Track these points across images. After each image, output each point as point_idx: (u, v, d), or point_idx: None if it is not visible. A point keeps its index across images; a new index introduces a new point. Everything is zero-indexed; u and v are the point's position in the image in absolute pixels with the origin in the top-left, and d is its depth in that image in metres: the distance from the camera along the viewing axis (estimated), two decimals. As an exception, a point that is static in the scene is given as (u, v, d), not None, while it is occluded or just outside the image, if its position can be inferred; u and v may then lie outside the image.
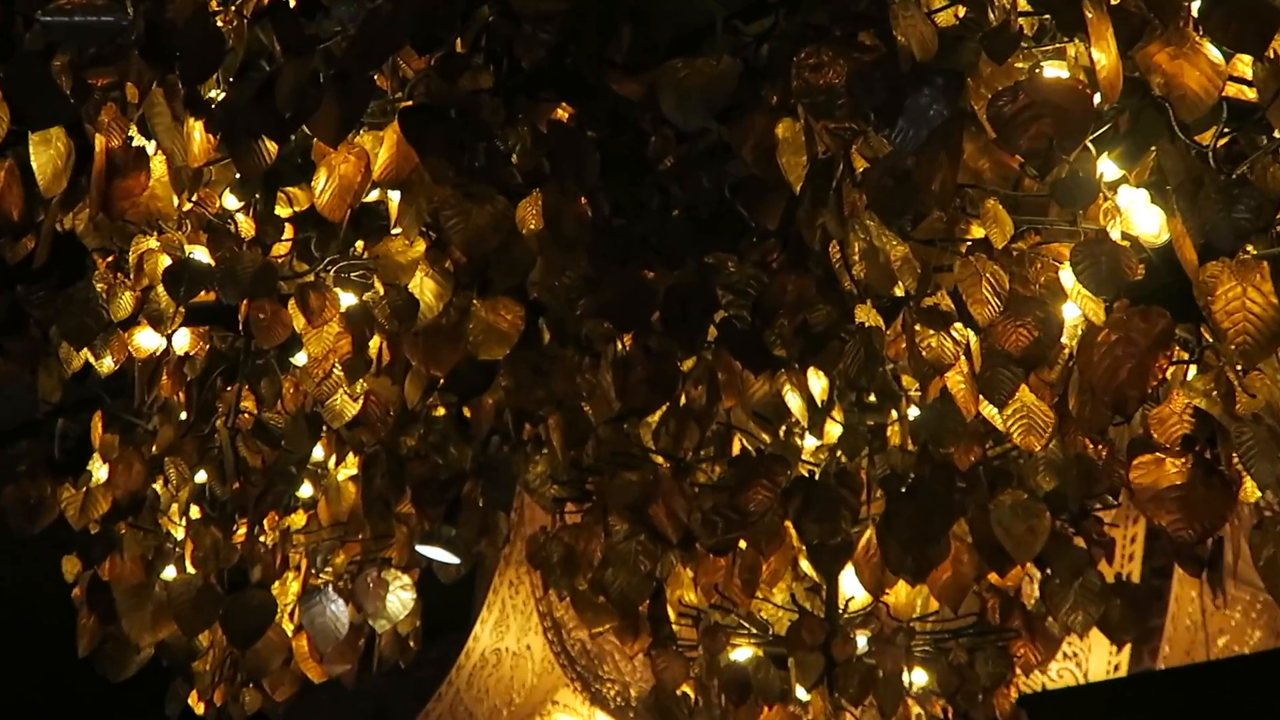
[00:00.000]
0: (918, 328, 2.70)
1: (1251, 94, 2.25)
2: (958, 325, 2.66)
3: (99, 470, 3.68)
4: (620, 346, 3.03)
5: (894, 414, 3.13)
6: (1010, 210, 2.46)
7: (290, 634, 3.83)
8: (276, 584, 3.78)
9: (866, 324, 2.84)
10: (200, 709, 3.90)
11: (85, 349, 3.36)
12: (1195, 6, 2.18)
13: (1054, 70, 2.32)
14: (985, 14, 2.33)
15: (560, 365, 3.17)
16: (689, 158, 2.67)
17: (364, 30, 2.56)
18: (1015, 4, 2.32)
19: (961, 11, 2.37)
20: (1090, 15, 2.15)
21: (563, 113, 2.70)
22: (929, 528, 3.11)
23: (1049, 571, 3.38)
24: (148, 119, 2.77)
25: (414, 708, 8.79)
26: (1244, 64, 2.24)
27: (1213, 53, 2.15)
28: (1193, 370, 2.48)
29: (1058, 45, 2.32)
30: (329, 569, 3.87)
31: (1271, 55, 2.21)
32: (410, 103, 2.75)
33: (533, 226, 2.81)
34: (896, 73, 2.27)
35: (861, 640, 3.80)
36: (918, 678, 3.89)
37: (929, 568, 3.18)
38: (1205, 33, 2.16)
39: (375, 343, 3.21)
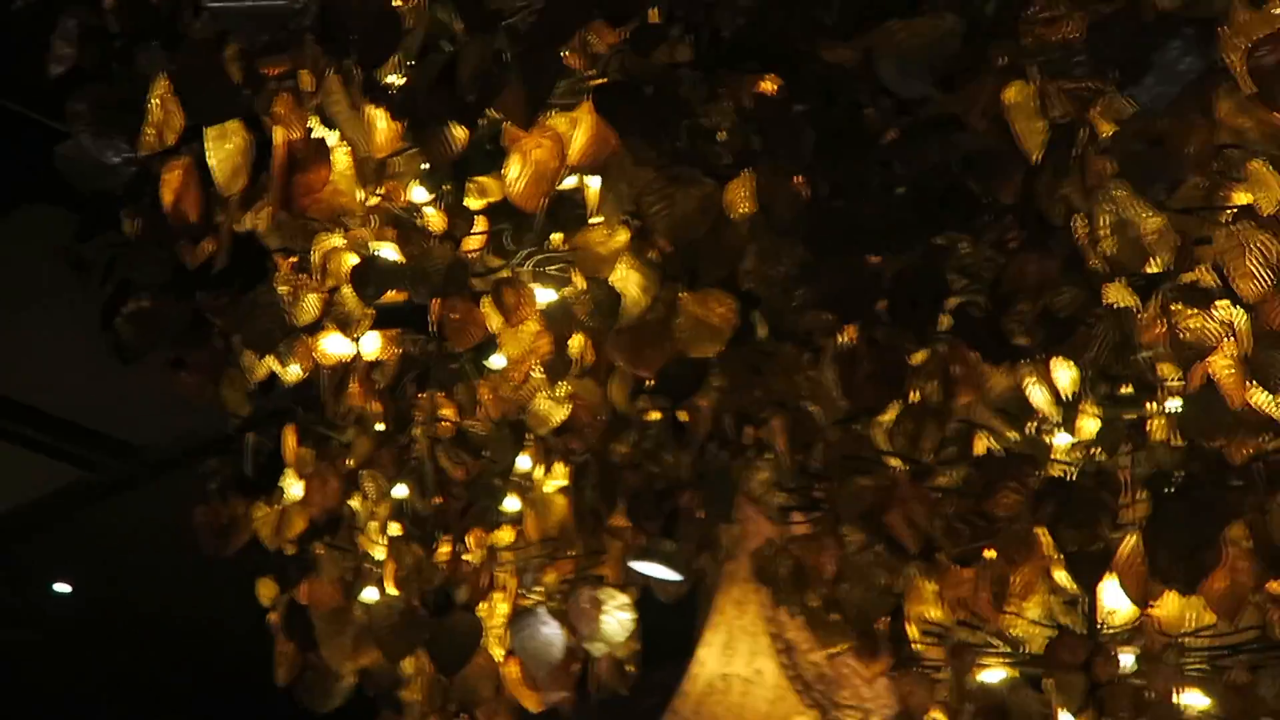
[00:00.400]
0: (1176, 307, 2.64)
1: None
2: (1222, 303, 2.59)
3: (292, 487, 3.74)
4: (843, 339, 2.99)
5: (1152, 406, 3.04)
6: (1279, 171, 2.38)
7: (500, 660, 3.85)
8: (483, 605, 3.81)
9: (1118, 306, 2.78)
10: (411, 739, 3.95)
11: (270, 357, 3.40)
12: None
13: (1323, 14, 2.24)
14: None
15: (779, 362, 3.15)
16: (912, 129, 2.63)
17: (550, 3, 2.57)
18: (1274, -59, 2.26)
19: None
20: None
21: (770, 85, 2.67)
22: (1200, 532, 3.02)
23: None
24: (326, 108, 2.81)
25: (635, 737, 8.84)
26: None
27: None
28: None
29: (1325, -16, 2.25)
30: (539, 588, 3.89)
31: None
32: (604, 80, 2.74)
33: (743, 211, 2.79)
34: (1140, 24, 2.22)
35: (1127, 658, 3.70)
36: (1193, 700, 3.78)
37: (1201, 576, 3.08)
38: None
39: (577, 341, 3.21)
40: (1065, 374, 3.08)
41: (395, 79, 2.80)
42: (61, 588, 14.87)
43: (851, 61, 2.52)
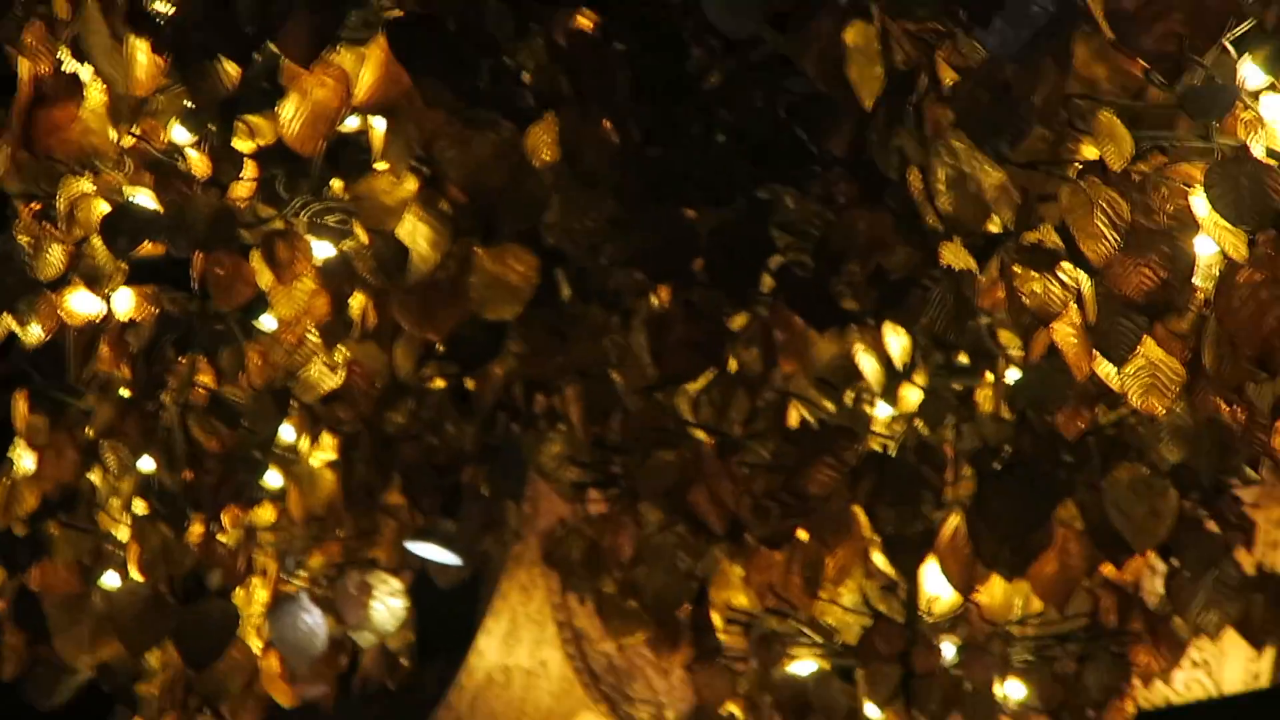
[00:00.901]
0: (1018, 270, 2.70)
1: None
2: (1067, 266, 2.65)
3: (23, 459, 3.67)
4: (655, 302, 3.02)
5: (988, 376, 3.11)
6: (1131, 125, 2.44)
7: (256, 650, 3.82)
8: (239, 592, 3.78)
9: (955, 268, 2.83)
10: (150, 733, 3.91)
11: (7, 314, 3.33)
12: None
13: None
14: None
15: (582, 326, 3.17)
16: (738, 73, 2.66)
17: (344, -74, 2.57)
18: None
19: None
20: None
21: (585, 21, 2.69)
22: (1029, 512, 3.10)
23: (1176, 562, 3.37)
24: (81, 39, 2.77)
25: (408, 734, 8.85)
26: None
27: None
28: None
29: (1189, -73, 2.31)
30: (302, 573, 3.87)
31: None
32: (399, 13, 2.73)
33: (548, 158, 2.80)
34: (990, -39, 2.27)
35: (947, 649, 3.79)
36: (1014, 690, 3.88)
37: (1029, 560, 3.17)
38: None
39: (357, 302, 3.20)
40: (897, 341, 3.15)
41: (163, 6, 2.77)
42: None
43: (676, -1, 2.55)
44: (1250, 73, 2.33)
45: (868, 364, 3.14)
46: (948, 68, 2.49)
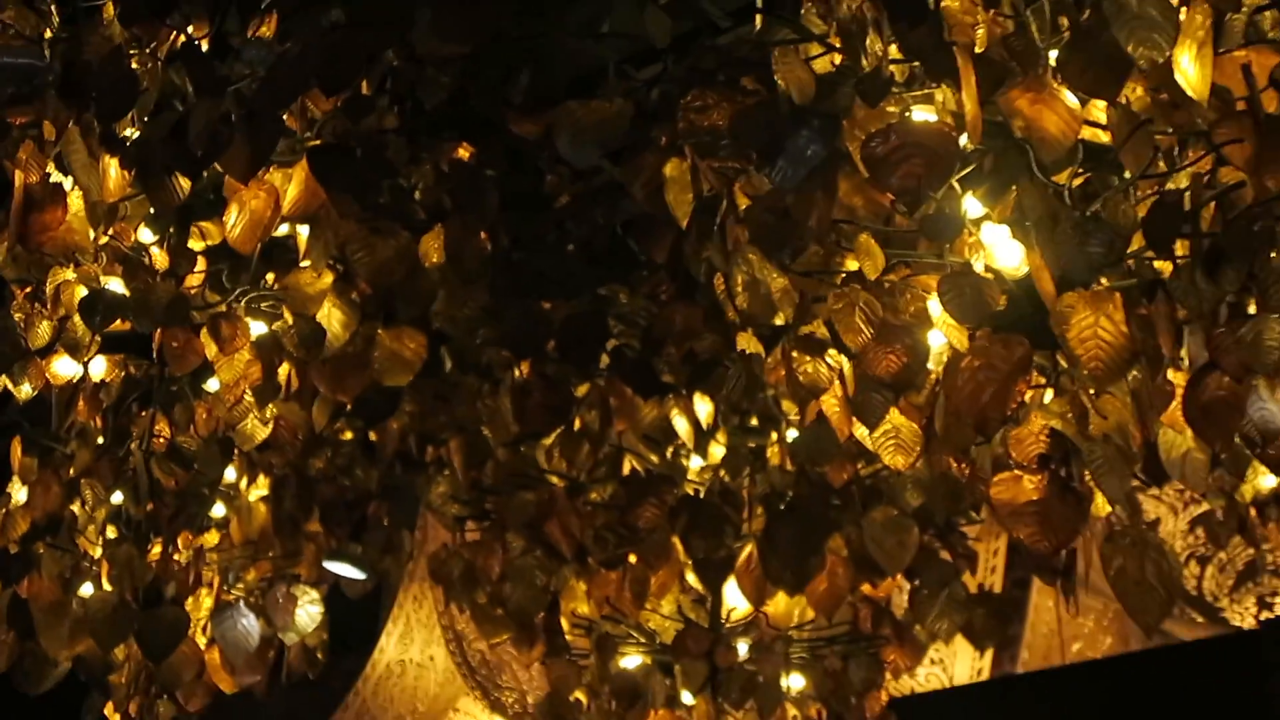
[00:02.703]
0: (795, 355, 2.69)
1: (1105, 137, 2.27)
2: (832, 352, 2.65)
3: (18, 492, 3.61)
4: (518, 373, 3.01)
5: (774, 436, 3.11)
6: (882, 244, 2.45)
7: (203, 647, 3.75)
8: (190, 600, 3.71)
9: (748, 351, 2.83)
10: (114, 718, 3.82)
11: (4, 376, 3.28)
12: (1054, 55, 2.19)
13: (922, 114, 2.32)
14: (859, 60, 2.33)
15: (461, 391, 3.14)
16: (583, 195, 2.65)
17: (273, 72, 2.52)
18: (886, 52, 2.32)
19: (837, 59, 2.37)
20: (957, 62, 2.16)
21: (464, 152, 2.67)
22: (806, 542, 3.10)
23: (917, 583, 3.39)
24: (65, 156, 2.73)
25: (322, 718, 8.70)
26: (1098, 109, 2.26)
27: (1069, 98, 2.16)
28: (1049, 394, 2.49)
29: (926, 91, 2.32)
30: (240, 585, 3.81)
31: (1124, 100, 2.23)
32: (318, 142, 2.71)
33: (435, 260, 2.78)
34: (776, 115, 2.27)
35: (743, 648, 3.79)
36: (795, 682, 3.89)
37: (806, 580, 3.17)
38: (1063, 79, 2.17)
39: (284, 370, 3.15)
40: (704, 407, 3.14)
41: (130, 132, 2.72)
42: None
43: (535, 134, 2.52)
44: (972, 205, 2.34)
45: (681, 425, 3.14)
46: (743, 195, 2.48)
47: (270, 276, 3.01)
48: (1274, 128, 2.19)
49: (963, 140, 2.21)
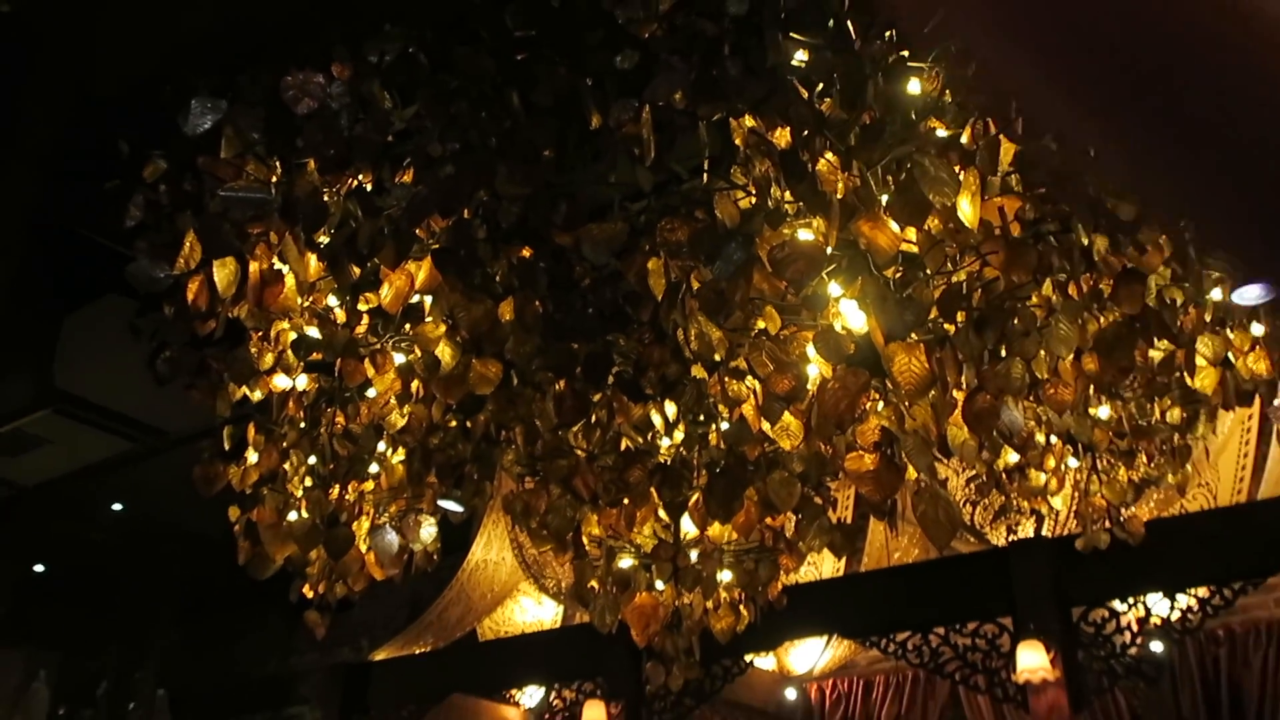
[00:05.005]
0: (727, 379, 2.69)
1: (915, 249, 2.27)
2: (749, 379, 2.65)
3: (251, 456, 3.59)
4: (558, 388, 2.99)
5: (713, 427, 3.09)
6: (779, 312, 2.45)
7: (363, 552, 3.72)
8: (355, 523, 3.68)
9: (698, 376, 2.82)
10: (309, 593, 3.79)
11: (244, 385, 3.27)
12: (884, 199, 2.19)
13: (805, 234, 2.32)
14: (767, 200, 2.33)
15: (523, 398, 3.12)
16: (598, 280, 2.64)
17: (410, 203, 2.53)
18: (783, 195, 2.32)
19: (753, 200, 2.37)
20: (826, 203, 2.16)
21: (526, 252, 2.66)
22: (732, 492, 3.08)
23: (800, 516, 3.36)
24: (283, 252, 2.72)
25: (436, 592, 8.68)
26: (911, 233, 2.25)
27: (894, 225, 2.16)
28: (880, 404, 2.48)
29: (806, 220, 2.32)
30: (386, 515, 3.77)
31: (926, 228, 2.23)
32: (437, 245, 2.70)
33: (507, 318, 2.77)
34: (716, 234, 2.26)
35: (694, 554, 3.77)
36: (725, 576, 3.85)
37: (732, 514, 3.14)
38: (890, 214, 2.17)
39: (415, 384, 3.15)
40: (670, 409, 3.11)
41: (322, 239, 2.72)
42: (117, 507, 14.02)
43: (570, 243, 2.52)
44: (834, 289, 2.33)
45: (657, 419, 3.11)
46: (696, 281, 2.47)
47: (407, 326, 2.99)
48: (1016, 245, 2.19)
49: (828, 249, 2.21)
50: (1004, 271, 2.18)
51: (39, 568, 14.66)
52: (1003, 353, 2.34)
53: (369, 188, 2.67)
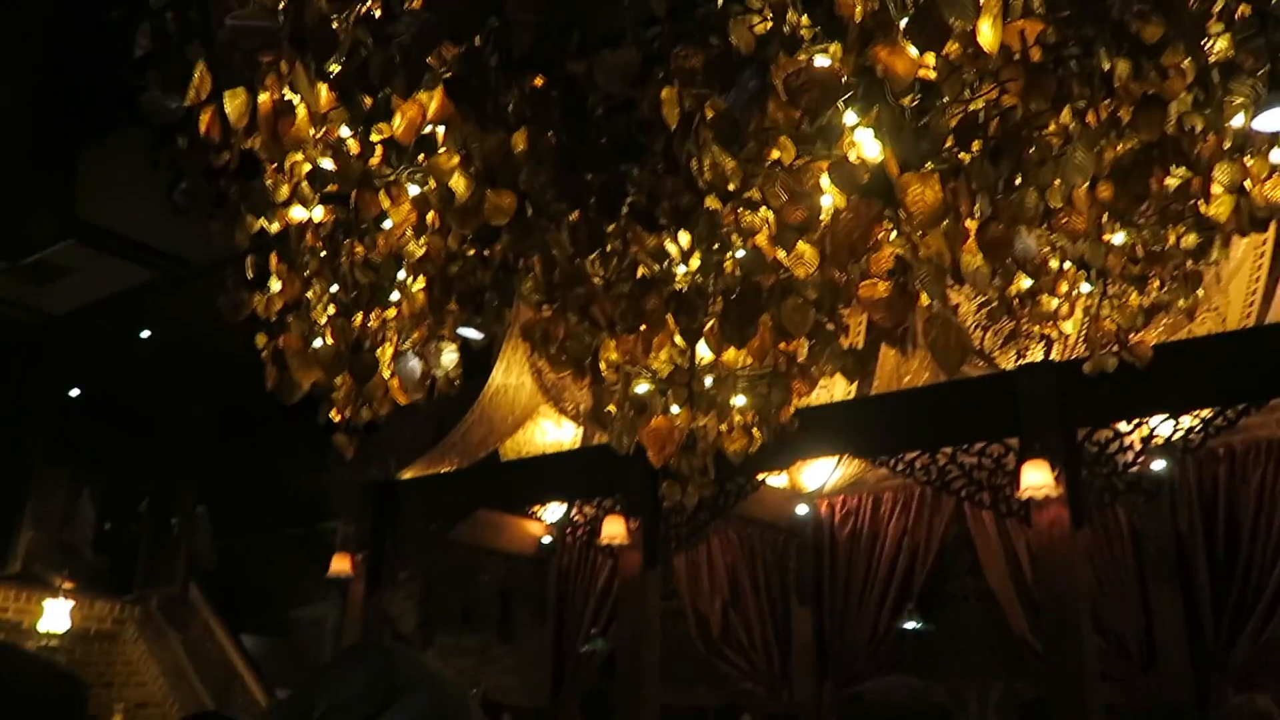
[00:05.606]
0: (741, 210, 2.67)
1: (933, 75, 2.21)
2: (764, 209, 2.63)
3: (275, 285, 3.61)
4: (573, 217, 2.97)
5: (729, 255, 3.07)
6: (794, 142, 2.41)
7: (387, 377, 3.78)
8: (379, 350, 3.73)
9: (712, 208, 2.80)
10: (336, 417, 3.88)
11: (262, 217, 3.26)
12: (903, 23, 2.13)
13: (821, 60, 2.26)
14: (783, 26, 2.26)
15: (538, 227, 3.10)
16: (612, 108, 2.59)
17: (421, 31, 2.46)
18: (800, 20, 2.25)
19: (769, 25, 2.30)
20: (844, 28, 2.10)
21: (539, 81, 2.60)
22: (747, 318, 3.08)
23: (813, 341, 3.37)
24: (294, 82, 2.67)
25: (459, 415, 8.87)
26: (928, 58, 2.19)
27: (912, 51, 2.10)
28: (894, 233, 2.47)
29: (823, 46, 2.26)
30: (408, 341, 3.82)
31: (945, 54, 2.17)
32: (450, 74, 2.64)
33: (521, 148, 2.73)
34: (730, 61, 2.21)
35: (708, 380, 3.82)
36: (739, 400, 3.90)
37: (747, 339, 3.16)
38: (909, 39, 2.11)
39: (431, 215, 3.13)
40: (684, 237, 3.09)
41: (333, 68, 2.66)
42: (145, 333, 14.24)
43: (583, 70, 2.46)
44: (850, 117, 2.29)
45: (672, 248, 3.09)
46: (710, 110, 2.43)
47: (421, 157, 2.95)
48: (1036, 71, 2.14)
49: (844, 77, 2.16)
50: (1022, 98, 2.13)
51: (75, 392, 15.01)
52: (1017, 181, 2.31)
53: (378, 15, 2.59)
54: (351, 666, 1.22)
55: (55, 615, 11.37)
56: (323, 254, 3.56)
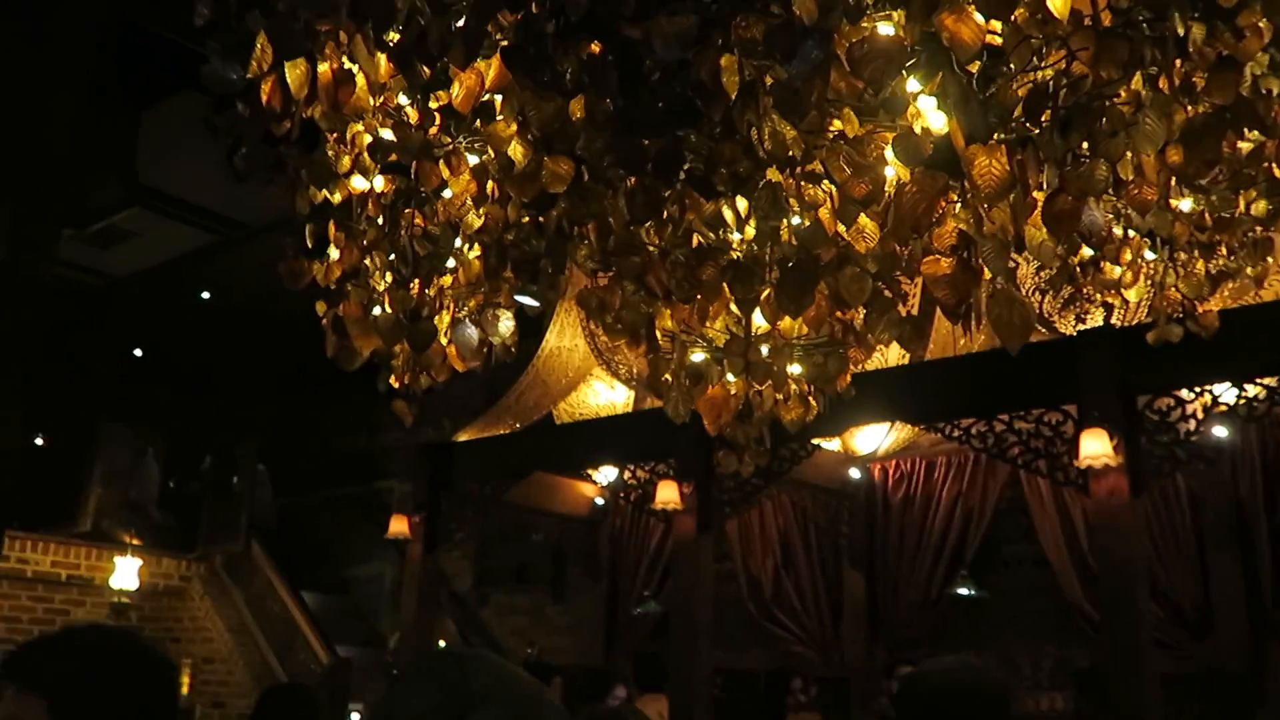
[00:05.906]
0: (803, 184, 2.63)
1: (999, 42, 2.16)
2: (825, 181, 2.59)
3: (334, 253, 3.63)
4: (630, 184, 2.95)
5: (785, 224, 3.02)
6: (857, 113, 2.37)
7: (445, 345, 3.80)
8: (436, 318, 3.74)
9: (772, 179, 2.77)
10: (395, 384, 3.91)
11: (324, 189, 3.28)
12: (970, -11, 2.07)
13: (885, 28, 2.21)
14: (846, -6, 2.22)
15: (595, 194, 3.08)
16: (669, 74, 2.55)
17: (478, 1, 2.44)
18: (863, -13, 2.21)
19: (831, -8, 2.25)
20: (908, -4, 2.06)
21: (595, 47, 2.58)
22: (803, 287, 3.04)
23: (870, 312, 3.33)
24: (353, 52, 2.67)
25: (513, 378, 8.93)
26: (995, 25, 2.14)
27: (978, 17, 2.05)
28: (958, 207, 2.42)
29: (887, 14, 2.21)
30: (465, 309, 3.83)
31: (1013, 19, 2.11)
32: (507, 42, 2.62)
33: (578, 115, 2.70)
34: (792, 30, 2.17)
35: (764, 349, 3.79)
36: (795, 369, 3.88)
37: (803, 309, 3.12)
38: (975, 5, 2.05)
39: (490, 184, 3.13)
40: (741, 204, 3.06)
41: (392, 37, 2.65)
42: (205, 295, 14.46)
43: (640, 36, 2.43)
44: (913, 85, 2.24)
45: (729, 214, 3.04)
46: (770, 79, 2.39)
47: (479, 125, 2.94)
48: (1108, 37, 2.07)
49: (909, 46, 2.11)
50: (1092, 66, 2.07)
51: (138, 353, 15.31)
52: (1085, 150, 2.25)
53: (436, -16, 2.57)
54: (424, 678, 1.18)
55: (125, 572, 11.64)
56: (381, 222, 3.57)
